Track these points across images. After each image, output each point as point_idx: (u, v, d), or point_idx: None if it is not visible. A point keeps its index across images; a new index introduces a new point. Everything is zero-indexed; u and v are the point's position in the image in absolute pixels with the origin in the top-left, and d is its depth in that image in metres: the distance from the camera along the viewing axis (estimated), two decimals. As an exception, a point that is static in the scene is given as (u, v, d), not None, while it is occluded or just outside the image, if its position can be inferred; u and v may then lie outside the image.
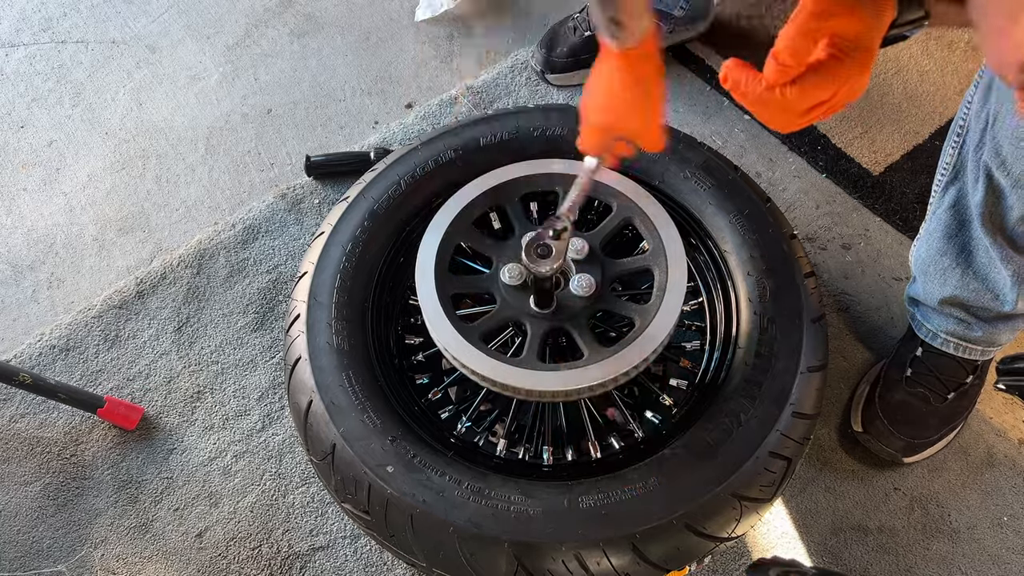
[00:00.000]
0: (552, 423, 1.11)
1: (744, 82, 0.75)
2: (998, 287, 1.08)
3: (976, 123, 1.02)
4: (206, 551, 1.20)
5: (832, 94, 0.74)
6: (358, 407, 0.98)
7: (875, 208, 1.48)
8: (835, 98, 0.75)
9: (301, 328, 1.04)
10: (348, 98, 1.67)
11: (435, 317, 0.99)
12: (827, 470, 1.24)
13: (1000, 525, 1.21)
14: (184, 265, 1.44)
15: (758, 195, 1.14)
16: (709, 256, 1.13)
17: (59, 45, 1.77)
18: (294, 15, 1.79)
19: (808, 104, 0.75)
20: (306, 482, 1.24)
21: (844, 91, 0.74)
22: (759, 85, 0.75)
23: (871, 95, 1.60)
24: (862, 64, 0.73)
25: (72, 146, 1.62)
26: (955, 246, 1.11)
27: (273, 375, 1.33)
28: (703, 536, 0.92)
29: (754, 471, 0.94)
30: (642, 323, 0.98)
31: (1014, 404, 1.30)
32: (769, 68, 0.74)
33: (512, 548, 0.89)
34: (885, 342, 1.35)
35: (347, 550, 1.19)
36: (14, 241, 1.51)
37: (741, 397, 0.99)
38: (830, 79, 0.73)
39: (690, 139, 1.18)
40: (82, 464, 1.27)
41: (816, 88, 0.73)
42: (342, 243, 1.11)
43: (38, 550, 1.20)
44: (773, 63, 0.73)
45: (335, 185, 1.52)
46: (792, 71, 0.73)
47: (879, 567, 1.17)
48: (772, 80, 0.74)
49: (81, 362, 1.35)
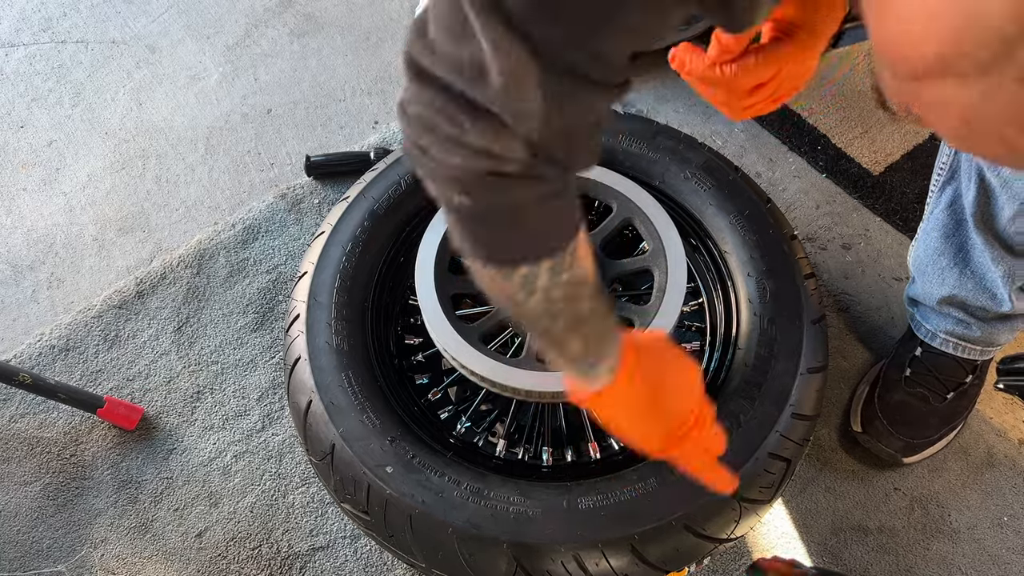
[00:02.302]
0: (551, 424, 1.11)
1: (689, 61, 0.78)
2: (994, 287, 1.09)
3: None
4: (206, 551, 1.20)
5: (773, 74, 0.75)
6: (357, 407, 0.98)
7: (875, 208, 1.48)
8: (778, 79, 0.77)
9: (301, 328, 1.04)
10: (348, 98, 1.67)
11: (435, 317, 0.99)
12: (827, 470, 1.24)
13: (1000, 525, 1.20)
14: (184, 265, 1.44)
15: (758, 195, 1.14)
16: (709, 257, 1.13)
17: (59, 45, 1.77)
18: (294, 15, 1.79)
19: (750, 83, 0.76)
20: (306, 482, 1.24)
21: (786, 71, 0.76)
22: (703, 63, 0.76)
23: (871, 95, 1.60)
24: (805, 46, 0.75)
25: (72, 146, 1.62)
26: (952, 246, 1.11)
27: (273, 375, 1.33)
28: (702, 537, 0.92)
29: (753, 472, 0.94)
30: (642, 324, 0.98)
31: (1014, 404, 1.29)
32: (712, 48, 0.76)
33: (511, 549, 0.89)
34: (885, 342, 1.34)
35: (347, 550, 1.19)
36: (14, 241, 1.51)
37: (741, 398, 0.99)
38: (771, 59, 0.75)
39: (690, 139, 1.18)
40: (82, 464, 1.27)
41: (757, 67, 0.75)
42: (342, 243, 1.11)
43: (38, 550, 1.20)
44: (716, 42, 0.75)
45: (335, 185, 1.52)
46: (733, 52, 0.75)
47: (879, 567, 1.17)
48: (714, 58, 0.75)
49: (81, 362, 1.35)
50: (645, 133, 1.17)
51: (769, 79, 0.76)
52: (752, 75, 0.75)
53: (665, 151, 1.16)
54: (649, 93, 1.63)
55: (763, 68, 0.75)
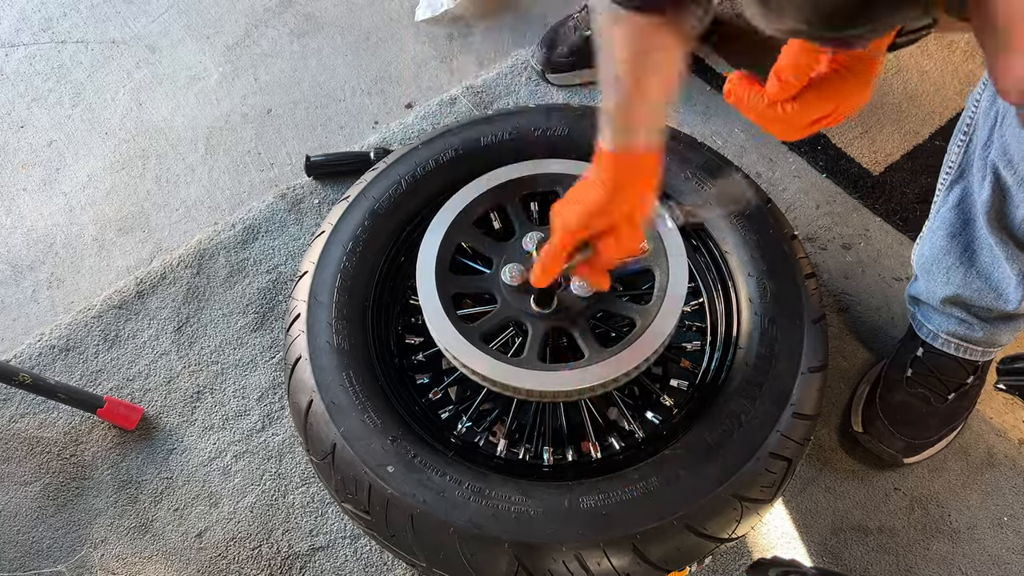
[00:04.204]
0: (552, 423, 1.11)
1: (747, 98, 0.77)
2: (1002, 286, 1.09)
3: (984, 121, 1.02)
4: (206, 551, 1.20)
5: (833, 108, 0.75)
6: (358, 407, 0.98)
7: (875, 208, 1.48)
8: (836, 111, 0.76)
9: (301, 328, 1.04)
10: (348, 98, 1.67)
11: (436, 317, 0.99)
12: (827, 470, 1.24)
13: (1000, 525, 1.21)
14: (184, 265, 1.44)
15: (759, 196, 1.14)
16: (710, 257, 1.13)
17: (59, 45, 1.76)
18: (294, 15, 1.79)
19: (810, 119, 0.76)
20: (306, 482, 1.24)
21: (845, 105, 0.75)
22: (762, 101, 0.76)
23: (871, 95, 1.60)
24: (864, 78, 0.74)
25: (72, 146, 1.62)
26: (959, 244, 1.11)
27: (273, 375, 1.33)
28: (703, 537, 0.92)
29: (754, 472, 0.94)
30: (643, 323, 0.98)
31: (1014, 404, 1.30)
32: (772, 84, 0.74)
33: (512, 548, 0.89)
34: (885, 342, 1.35)
35: (347, 550, 1.19)
36: (14, 241, 1.51)
37: (742, 398, 0.99)
38: (832, 94, 0.74)
39: (690, 139, 1.18)
40: (82, 464, 1.27)
41: (818, 103, 0.74)
42: (343, 242, 1.10)
43: (38, 550, 1.20)
44: (775, 80, 0.74)
45: (335, 185, 1.52)
46: (794, 87, 0.74)
47: (879, 567, 1.17)
48: (774, 96, 0.75)
49: (81, 362, 1.35)
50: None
51: (830, 111, 0.76)
52: (813, 110, 0.75)
53: (665, 151, 1.15)
54: (649, 93, 1.63)
55: (825, 103, 0.74)
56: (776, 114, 0.76)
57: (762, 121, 0.78)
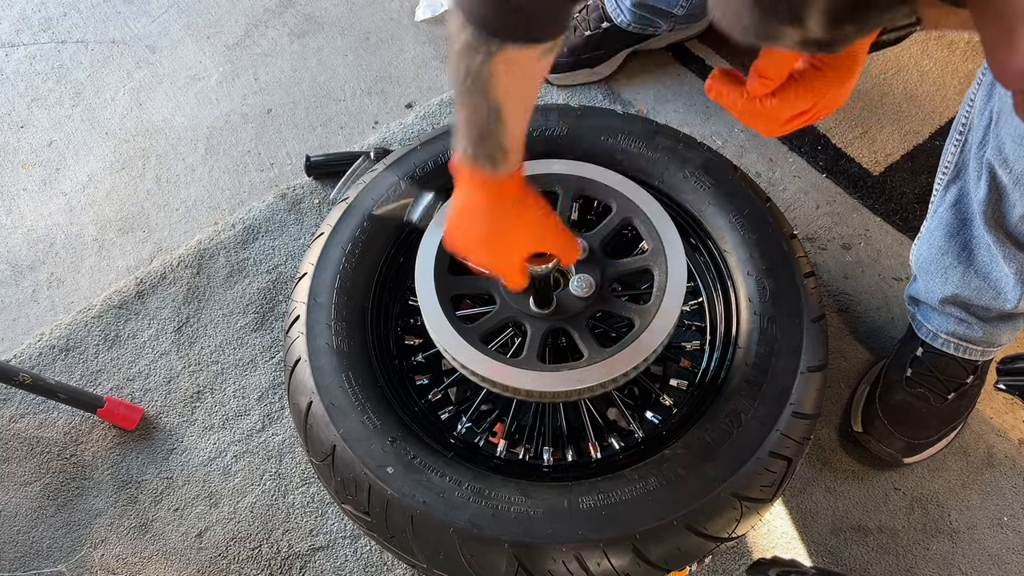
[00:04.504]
0: (552, 423, 1.11)
1: (727, 93, 0.78)
2: (1000, 285, 1.09)
3: (979, 121, 1.02)
4: (206, 551, 1.20)
5: (812, 104, 0.76)
6: (358, 408, 0.98)
7: (875, 208, 1.48)
8: (816, 107, 0.77)
9: (301, 329, 1.04)
10: (348, 98, 1.67)
11: (435, 318, 0.99)
12: (827, 470, 1.24)
13: (1000, 525, 1.21)
14: (184, 265, 1.44)
15: (758, 195, 1.14)
16: (709, 256, 1.13)
17: (59, 45, 1.77)
18: (294, 15, 1.79)
19: (789, 114, 0.77)
20: (306, 482, 1.24)
21: (824, 102, 0.76)
22: (741, 97, 0.77)
23: (871, 95, 1.60)
24: (843, 75, 0.75)
25: (72, 146, 1.62)
26: (957, 244, 1.11)
27: (273, 375, 1.33)
28: (703, 536, 0.92)
29: (754, 471, 0.94)
30: (642, 323, 0.98)
31: (1014, 404, 1.30)
32: (752, 80, 0.76)
33: (512, 549, 0.89)
34: (885, 342, 1.35)
35: (347, 550, 1.19)
36: (14, 241, 1.51)
37: (741, 397, 0.99)
38: (810, 91, 0.75)
39: (690, 139, 1.18)
40: (82, 464, 1.27)
41: (796, 99, 0.75)
42: (342, 244, 1.10)
43: (38, 550, 1.20)
44: (755, 75, 0.75)
45: (335, 185, 1.52)
46: (773, 83, 0.75)
47: (879, 567, 1.17)
48: (754, 92, 0.76)
49: (81, 362, 1.35)
50: (645, 133, 1.17)
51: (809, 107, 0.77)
52: (792, 106, 0.75)
53: (665, 151, 1.15)
54: (649, 93, 1.63)
55: (803, 99, 0.75)
56: (756, 109, 0.77)
57: (743, 117, 0.79)
